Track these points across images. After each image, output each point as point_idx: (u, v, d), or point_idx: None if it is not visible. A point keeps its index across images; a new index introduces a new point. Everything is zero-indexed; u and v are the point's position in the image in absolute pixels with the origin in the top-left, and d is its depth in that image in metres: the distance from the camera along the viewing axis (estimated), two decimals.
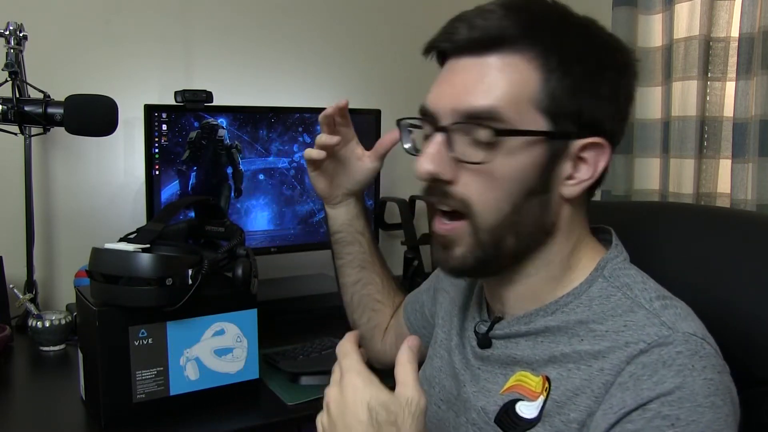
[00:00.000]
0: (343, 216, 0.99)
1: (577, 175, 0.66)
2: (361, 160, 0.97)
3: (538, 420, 0.64)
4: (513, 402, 0.67)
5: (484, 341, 0.72)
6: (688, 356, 0.58)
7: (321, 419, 0.62)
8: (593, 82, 0.64)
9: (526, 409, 0.65)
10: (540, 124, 0.63)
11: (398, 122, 0.75)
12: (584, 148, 0.65)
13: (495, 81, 0.62)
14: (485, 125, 0.62)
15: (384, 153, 0.97)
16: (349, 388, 0.58)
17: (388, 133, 0.94)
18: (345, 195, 0.99)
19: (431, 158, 0.64)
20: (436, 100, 0.66)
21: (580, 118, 0.64)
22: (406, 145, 0.75)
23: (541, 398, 0.64)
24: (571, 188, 0.66)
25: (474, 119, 0.62)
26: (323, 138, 0.93)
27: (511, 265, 0.68)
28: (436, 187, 0.65)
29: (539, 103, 0.63)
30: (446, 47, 0.67)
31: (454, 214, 0.66)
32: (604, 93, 0.65)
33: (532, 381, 0.66)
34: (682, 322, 0.61)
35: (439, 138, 0.64)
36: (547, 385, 0.65)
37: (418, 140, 0.73)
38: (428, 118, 0.67)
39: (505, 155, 0.62)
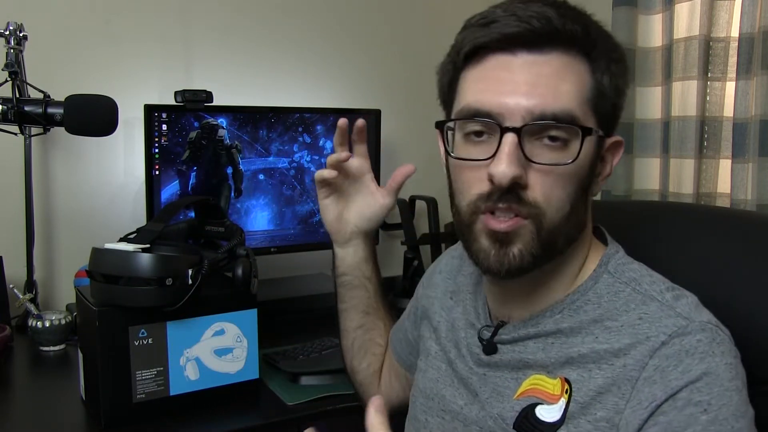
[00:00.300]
0: (350, 257, 0.93)
1: (601, 172, 0.69)
2: (374, 196, 0.91)
3: (561, 423, 0.63)
4: (532, 406, 0.66)
5: (490, 347, 0.72)
6: (707, 343, 0.59)
7: None
8: (624, 83, 0.67)
9: (547, 413, 0.65)
10: (593, 123, 0.64)
11: (439, 124, 0.70)
12: (609, 146, 0.68)
13: (565, 81, 0.62)
14: (563, 126, 0.61)
15: (398, 188, 0.90)
16: None
17: (402, 167, 0.89)
18: (354, 233, 0.92)
19: (513, 161, 0.60)
20: (499, 99, 0.62)
21: (613, 117, 0.67)
22: (445, 150, 0.69)
23: (563, 400, 0.64)
24: (597, 186, 0.69)
25: (551, 120, 0.61)
26: (333, 156, 0.87)
27: (549, 262, 0.67)
28: (510, 191, 0.62)
29: (591, 103, 0.64)
30: (496, 40, 0.62)
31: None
32: (625, 93, 0.68)
33: (549, 384, 0.66)
34: (695, 311, 0.63)
35: (512, 139, 0.61)
36: (567, 386, 0.64)
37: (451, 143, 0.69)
38: (487, 120, 0.63)
39: (571, 155, 0.62)
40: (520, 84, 0.61)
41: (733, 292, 0.73)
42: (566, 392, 0.64)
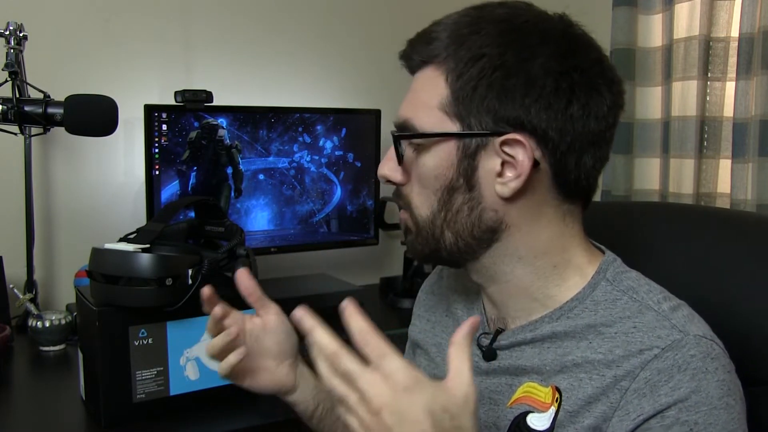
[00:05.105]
0: (308, 392, 0.85)
1: (507, 173, 0.64)
2: (266, 326, 0.82)
3: (551, 431, 0.64)
4: (524, 414, 0.66)
5: (489, 353, 0.72)
6: (701, 359, 0.59)
7: (365, 423, 0.53)
8: (501, 78, 0.62)
9: (538, 421, 0.65)
10: (448, 126, 0.66)
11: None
12: (504, 144, 0.63)
13: (415, 93, 0.69)
14: (402, 133, 0.69)
15: (263, 297, 0.83)
16: (401, 393, 0.51)
17: (241, 275, 0.81)
18: (289, 370, 0.83)
19: (384, 162, 0.71)
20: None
21: (491, 115, 0.63)
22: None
23: (553, 409, 0.64)
24: (502, 187, 0.65)
25: (399, 128, 0.69)
26: (220, 340, 0.78)
27: (471, 260, 0.70)
28: (395, 187, 0.72)
29: (447, 107, 0.65)
30: (404, 65, 0.72)
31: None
32: (515, 88, 0.62)
33: (541, 392, 0.66)
34: (691, 324, 0.62)
35: (392, 144, 0.70)
36: (557, 395, 0.64)
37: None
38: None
39: (422, 156, 0.68)
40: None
41: (732, 292, 0.73)
42: (556, 401, 0.64)
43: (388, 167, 0.71)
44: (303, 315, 0.56)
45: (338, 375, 0.54)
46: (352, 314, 0.55)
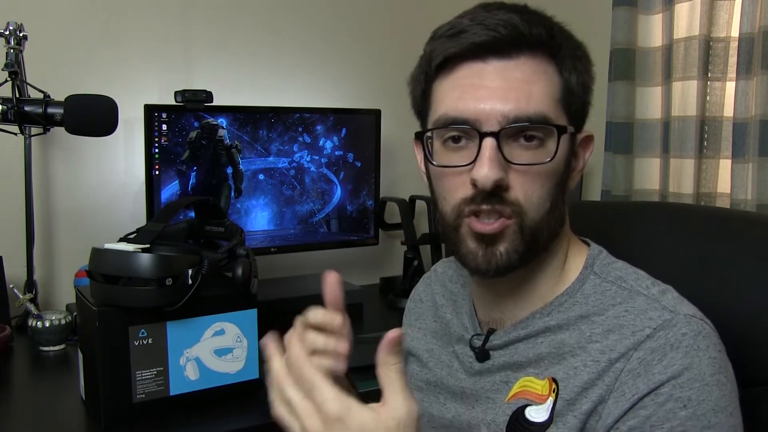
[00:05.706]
0: None
1: (575, 167, 0.70)
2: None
3: (550, 422, 0.64)
4: (522, 408, 0.67)
5: (483, 354, 0.72)
6: (692, 337, 0.60)
7: None
8: (590, 79, 0.68)
9: (536, 413, 0.66)
10: (565, 121, 0.66)
11: (419, 135, 0.71)
12: (581, 141, 0.69)
13: (535, 84, 0.63)
14: (536, 127, 0.63)
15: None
16: (333, 422, 0.52)
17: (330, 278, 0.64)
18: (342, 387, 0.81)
19: (494, 164, 0.62)
20: (475, 105, 0.63)
21: (582, 113, 0.68)
22: (425, 159, 0.69)
23: (550, 400, 0.65)
24: (573, 180, 0.70)
25: (524, 122, 0.62)
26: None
27: (535, 258, 0.68)
28: (493, 193, 0.63)
29: (562, 102, 0.65)
30: (467, 49, 0.63)
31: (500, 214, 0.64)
32: (591, 89, 0.69)
33: (538, 385, 0.66)
34: (681, 305, 0.64)
35: (491, 143, 0.62)
36: (554, 386, 0.65)
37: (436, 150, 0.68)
38: (464, 126, 0.64)
39: (547, 154, 0.63)
40: (493, 90, 0.63)
41: (731, 292, 0.73)
42: (553, 391, 0.65)
43: (498, 169, 0.62)
44: (268, 342, 0.58)
45: (284, 403, 0.56)
46: (290, 342, 0.57)
